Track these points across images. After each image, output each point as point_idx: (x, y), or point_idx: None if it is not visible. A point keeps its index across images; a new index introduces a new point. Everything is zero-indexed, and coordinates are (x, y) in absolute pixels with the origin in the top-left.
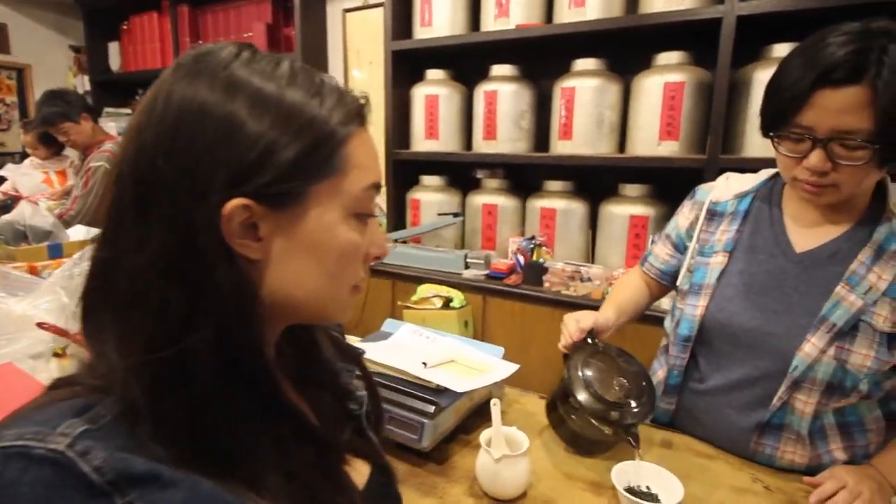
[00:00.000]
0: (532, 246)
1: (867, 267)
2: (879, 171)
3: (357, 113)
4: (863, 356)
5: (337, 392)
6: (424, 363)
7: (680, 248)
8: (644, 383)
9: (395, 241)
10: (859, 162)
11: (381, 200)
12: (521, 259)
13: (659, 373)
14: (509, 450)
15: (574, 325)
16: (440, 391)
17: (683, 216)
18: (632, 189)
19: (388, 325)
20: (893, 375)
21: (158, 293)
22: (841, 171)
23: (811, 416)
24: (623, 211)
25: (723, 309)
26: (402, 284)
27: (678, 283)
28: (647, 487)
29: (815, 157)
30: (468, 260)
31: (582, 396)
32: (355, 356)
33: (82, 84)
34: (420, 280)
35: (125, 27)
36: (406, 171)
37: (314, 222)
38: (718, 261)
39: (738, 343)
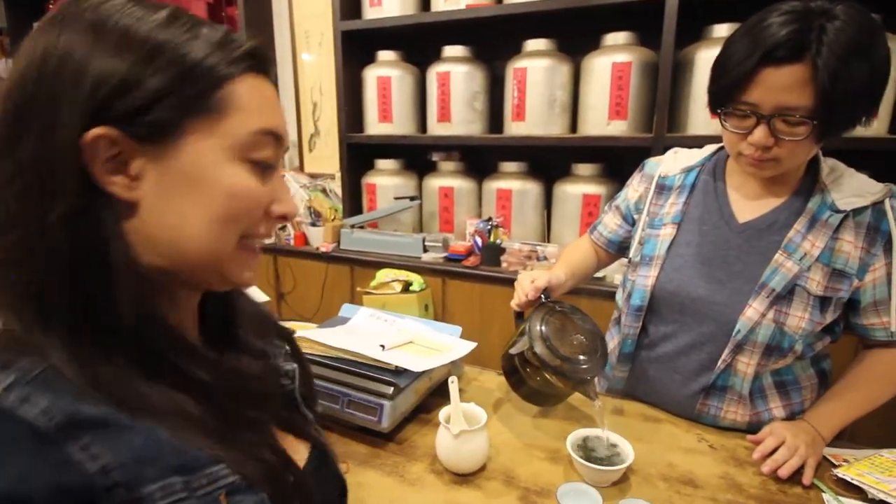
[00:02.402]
0: (489, 227)
1: (802, 235)
2: (816, 145)
3: (246, 57)
4: (798, 318)
5: (263, 364)
6: (382, 346)
7: (628, 220)
8: (598, 339)
9: (352, 226)
10: (799, 137)
11: (336, 186)
12: (479, 241)
13: (611, 344)
14: (468, 425)
15: (529, 283)
16: (398, 372)
17: (633, 189)
18: (584, 168)
19: (346, 309)
20: (823, 336)
21: (29, 238)
22: (782, 146)
23: (752, 376)
24: (576, 190)
25: (672, 279)
26: (361, 270)
27: (630, 254)
28: (601, 452)
29: (759, 133)
30: (426, 243)
31: (541, 351)
32: (286, 334)
33: (6, 67)
34: (379, 265)
35: (51, 6)
36: (360, 155)
37: (191, 157)
38: (667, 232)
39: (686, 311)
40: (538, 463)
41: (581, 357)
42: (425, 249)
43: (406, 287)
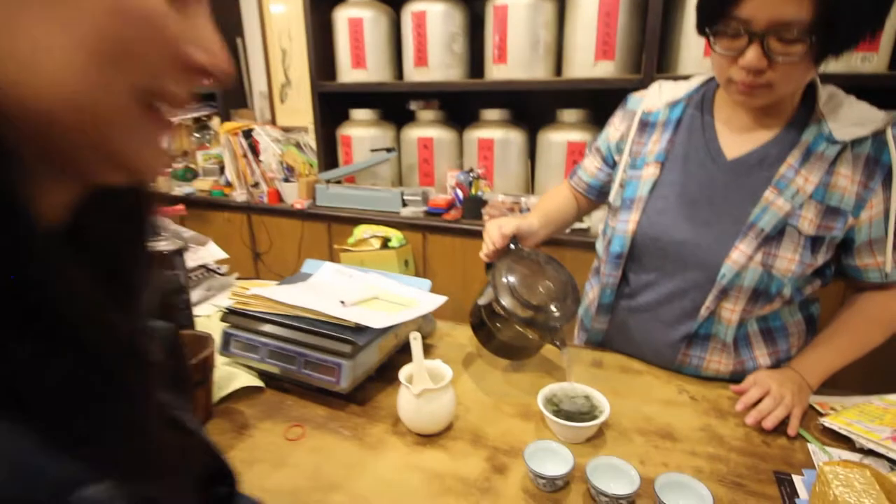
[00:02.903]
0: (470, 179)
1: (795, 170)
2: (813, 68)
3: None
4: (788, 260)
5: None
6: (343, 302)
7: (609, 162)
8: (569, 286)
9: (328, 181)
10: (795, 57)
11: (311, 139)
12: (460, 193)
13: (590, 294)
14: (433, 384)
15: (496, 231)
16: (359, 330)
17: (614, 127)
18: (569, 115)
19: (308, 265)
20: (813, 280)
21: None
22: (776, 69)
23: (736, 323)
24: (561, 138)
25: (654, 223)
26: (338, 227)
27: (610, 199)
28: (574, 407)
29: (752, 54)
30: (405, 197)
31: (506, 301)
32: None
33: None
34: (356, 221)
35: None
36: (333, 105)
37: None
38: (650, 172)
39: (668, 257)
40: (508, 421)
41: (549, 305)
42: (404, 204)
43: (385, 243)
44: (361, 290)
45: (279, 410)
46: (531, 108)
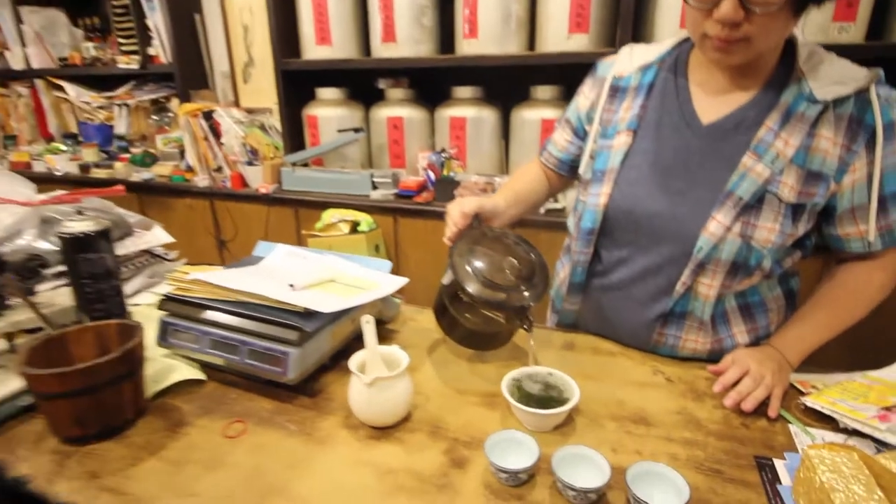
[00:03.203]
0: (442, 160)
1: (774, 133)
2: (793, 20)
3: None
4: (768, 230)
5: None
6: (292, 285)
7: (579, 133)
8: (537, 265)
9: (294, 164)
10: (773, 7)
11: (275, 120)
12: (432, 174)
13: (561, 273)
14: (388, 371)
15: (457, 210)
16: (308, 315)
17: (584, 96)
18: (543, 91)
19: (261, 248)
20: (793, 251)
21: None
22: (753, 22)
23: (714, 300)
24: (534, 115)
25: (627, 195)
26: (306, 211)
27: (580, 171)
28: (541, 394)
29: (727, 5)
30: (375, 180)
31: (468, 283)
32: None
33: None
34: (324, 205)
35: None
36: (299, 84)
37: None
38: (622, 141)
39: (642, 231)
40: (472, 410)
41: (515, 284)
42: (374, 186)
43: (354, 227)
44: (316, 272)
45: (221, 405)
46: (504, 85)
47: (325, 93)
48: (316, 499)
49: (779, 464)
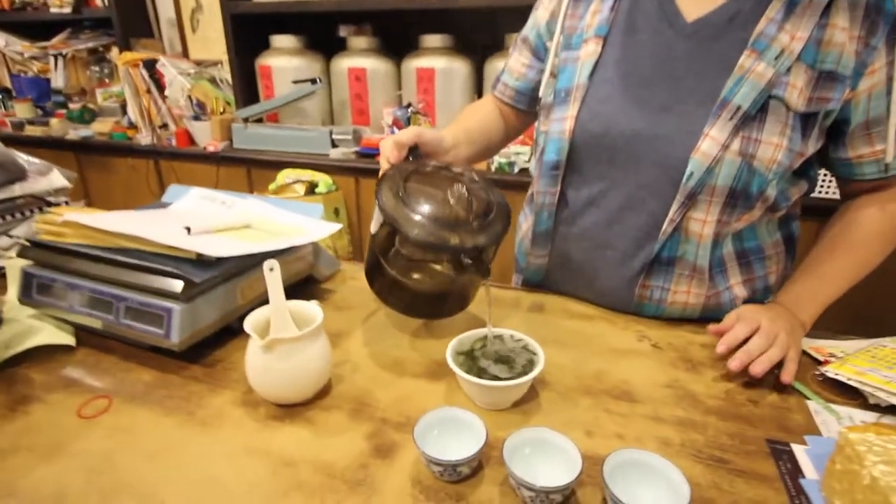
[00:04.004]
0: (409, 115)
1: (777, 25)
2: None
3: None
4: (773, 147)
5: None
6: (188, 228)
7: (539, 54)
8: (494, 203)
9: (246, 120)
10: None
11: (227, 72)
12: (398, 132)
13: (524, 225)
14: (298, 331)
15: (390, 142)
16: (201, 264)
17: (543, 7)
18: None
19: (172, 192)
20: (799, 181)
21: None
22: None
23: (710, 240)
24: None
25: (597, 115)
26: (259, 172)
27: (540, 94)
28: (497, 361)
29: None
30: (334, 137)
31: (406, 226)
32: None
33: None
34: (280, 165)
35: None
36: (250, 30)
37: None
38: (590, 51)
39: (617, 159)
40: (410, 383)
41: (464, 218)
42: (334, 144)
43: (311, 189)
44: (231, 217)
45: (87, 377)
46: (477, 33)
47: (280, 40)
48: (173, 499)
49: (798, 450)
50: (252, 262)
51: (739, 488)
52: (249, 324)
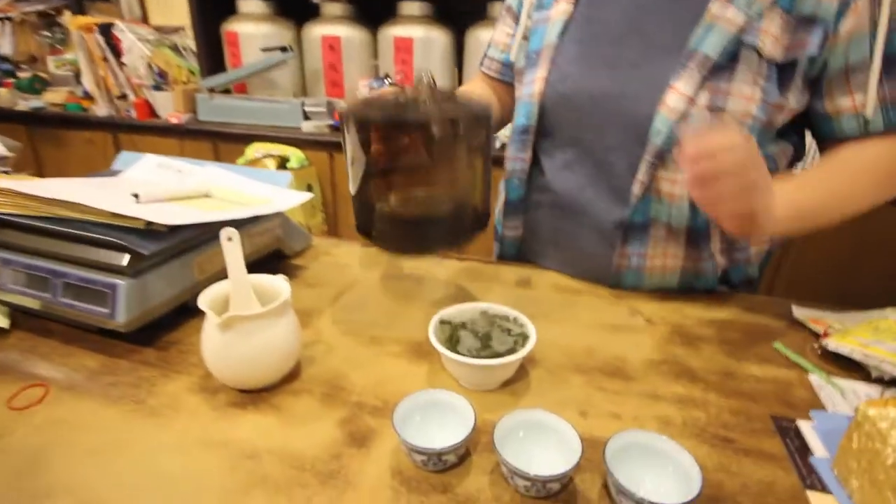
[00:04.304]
0: (385, 87)
1: None
2: None
3: None
4: (746, 99)
5: None
6: (136, 195)
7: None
8: (475, 104)
9: (211, 90)
10: None
11: (189, 40)
12: None
13: (501, 196)
14: (262, 307)
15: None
16: (151, 234)
17: None
18: (501, 7)
19: (123, 159)
20: (781, 141)
21: None
22: None
23: (685, 201)
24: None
25: (567, 75)
26: (226, 146)
27: (513, 58)
28: (485, 337)
29: None
30: (306, 109)
31: (374, 113)
32: None
33: None
34: (248, 139)
35: None
36: None
37: None
38: (561, 10)
39: (586, 122)
40: (389, 364)
41: (431, 97)
42: (306, 117)
43: (282, 164)
44: (184, 185)
45: (22, 363)
46: (458, 1)
47: (248, 5)
48: (115, 502)
49: (805, 426)
50: (211, 234)
51: (748, 469)
52: (205, 300)
